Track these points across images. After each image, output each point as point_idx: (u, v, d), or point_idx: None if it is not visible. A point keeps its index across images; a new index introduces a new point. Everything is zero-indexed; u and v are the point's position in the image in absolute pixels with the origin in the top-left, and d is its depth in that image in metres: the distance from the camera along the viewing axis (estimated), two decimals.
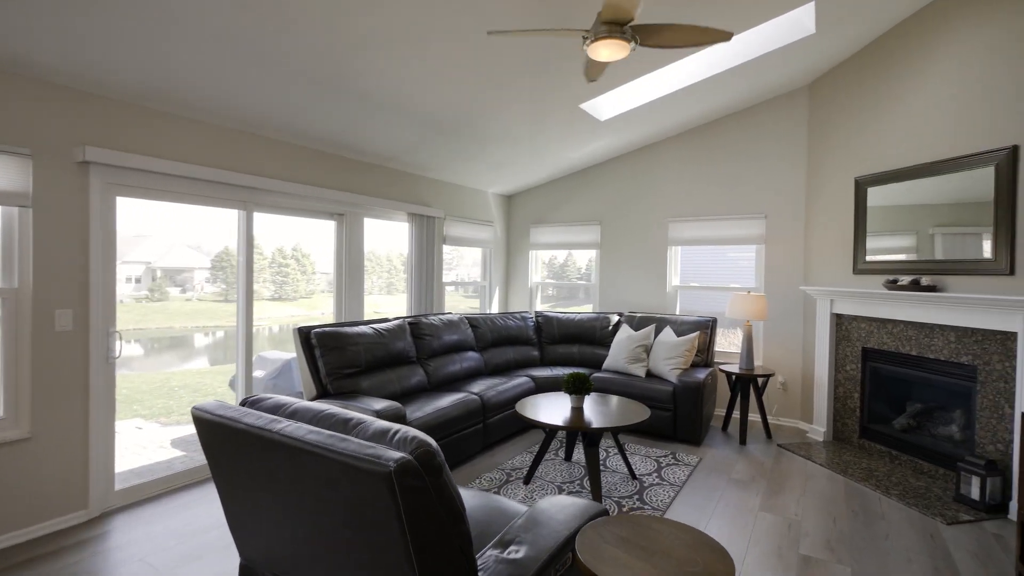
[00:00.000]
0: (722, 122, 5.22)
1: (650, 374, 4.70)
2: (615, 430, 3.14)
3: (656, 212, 5.63)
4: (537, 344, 5.47)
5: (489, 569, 1.53)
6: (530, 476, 3.50)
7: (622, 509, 3.11)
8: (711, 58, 3.97)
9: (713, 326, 4.85)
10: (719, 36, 2.38)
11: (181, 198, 3.37)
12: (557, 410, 3.42)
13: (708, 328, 4.81)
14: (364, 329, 3.88)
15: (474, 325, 5.02)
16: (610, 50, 2.48)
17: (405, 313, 5.25)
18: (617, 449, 4.00)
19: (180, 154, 3.32)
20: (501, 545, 1.65)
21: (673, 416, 4.30)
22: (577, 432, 3.71)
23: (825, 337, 4.44)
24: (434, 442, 1.39)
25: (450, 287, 5.96)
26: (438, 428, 3.54)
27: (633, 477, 3.57)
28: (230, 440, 1.62)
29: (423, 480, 1.31)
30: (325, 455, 1.36)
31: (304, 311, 5.22)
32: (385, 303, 5.67)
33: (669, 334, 4.75)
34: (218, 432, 1.65)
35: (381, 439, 1.42)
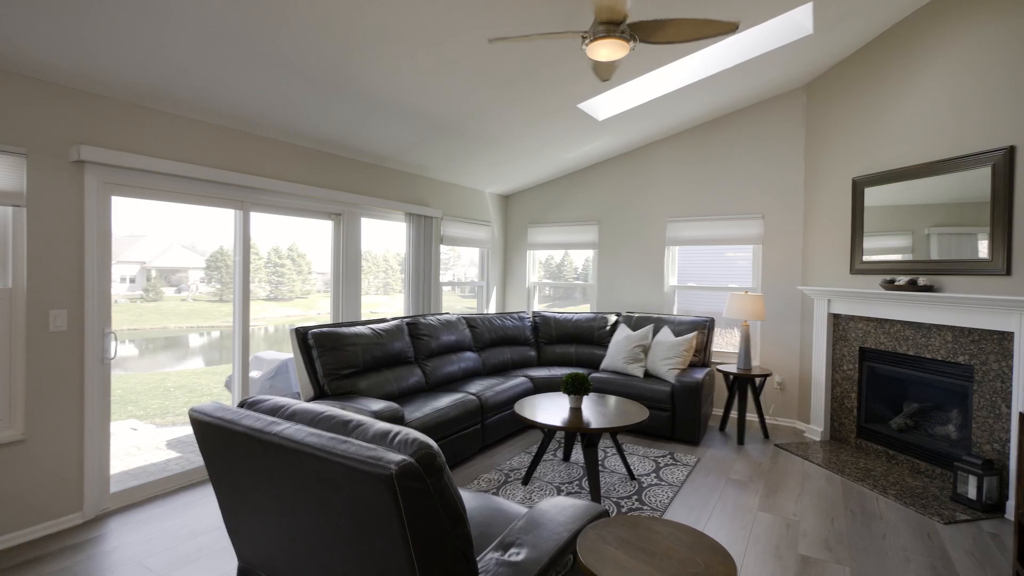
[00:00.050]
0: (720, 122, 5.22)
1: (648, 374, 4.70)
2: (614, 431, 3.13)
3: (654, 212, 5.63)
4: (534, 344, 5.47)
5: (490, 571, 1.52)
6: (529, 477, 3.49)
7: (621, 510, 3.11)
8: (709, 58, 3.98)
9: (711, 326, 4.85)
10: (724, 28, 2.29)
11: (178, 198, 3.34)
12: (556, 411, 3.41)
13: (706, 328, 4.81)
14: (362, 329, 3.86)
15: (472, 325, 5.01)
16: (609, 50, 2.47)
17: (402, 313, 5.24)
18: (615, 449, 4.00)
19: (177, 153, 3.30)
20: (502, 547, 1.65)
21: (671, 416, 4.30)
22: (576, 433, 3.70)
23: (822, 337, 4.45)
24: (435, 444, 1.38)
25: (447, 287, 5.95)
26: (436, 429, 3.53)
27: (632, 477, 3.57)
28: (228, 442, 1.61)
29: (424, 482, 1.29)
30: (325, 457, 1.35)
31: (300, 311, 5.20)
32: (382, 303, 5.65)
33: (667, 334, 4.75)
34: (216, 434, 1.63)
35: (382, 441, 1.41)
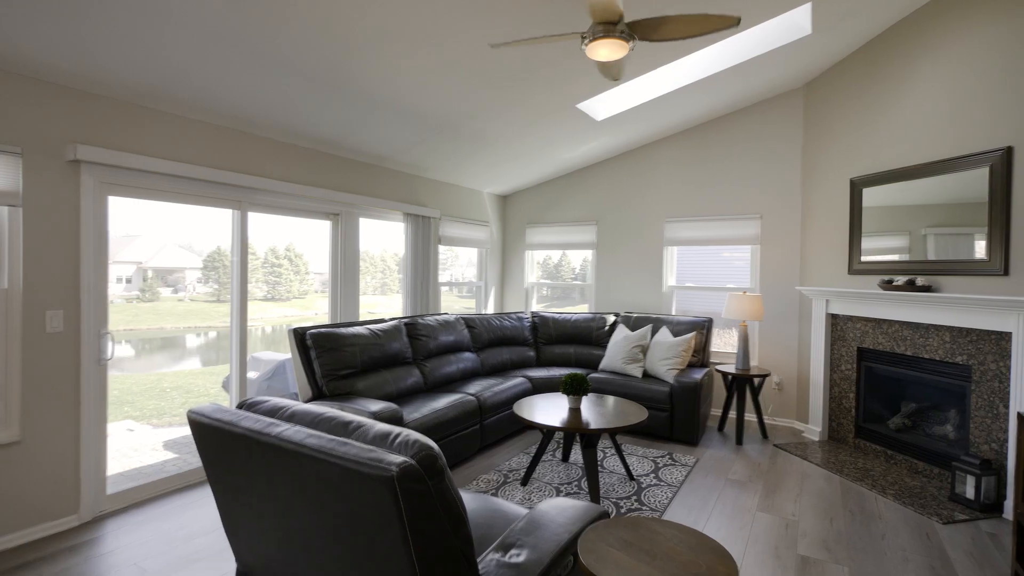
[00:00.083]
0: (718, 122, 5.23)
1: (647, 374, 4.69)
2: (613, 431, 3.13)
3: (652, 212, 5.63)
4: (533, 345, 5.46)
5: (491, 573, 1.51)
6: (528, 477, 3.48)
7: (620, 510, 3.10)
8: (707, 59, 3.98)
9: (709, 326, 4.85)
10: (725, 22, 2.24)
11: (175, 198, 3.33)
12: (555, 411, 3.40)
13: (704, 328, 4.82)
14: (360, 330, 3.85)
15: (470, 326, 5.00)
16: (608, 50, 2.47)
17: (400, 314, 5.22)
18: (614, 450, 4.00)
19: (174, 153, 3.28)
20: (502, 548, 1.64)
21: (670, 416, 4.30)
22: (575, 433, 3.70)
23: (821, 337, 4.45)
24: (436, 445, 1.37)
25: (444, 287, 5.94)
26: (435, 429, 3.52)
27: (631, 478, 3.57)
28: (227, 444, 1.59)
29: (425, 484, 1.29)
30: (325, 459, 1.34)
31: (297, 311, 5.18)
32: (379, 303, 5.64)
33: (665, 334, 4.75)
34: (215, 436, 1.62)
35: (382, 443, 1.40)
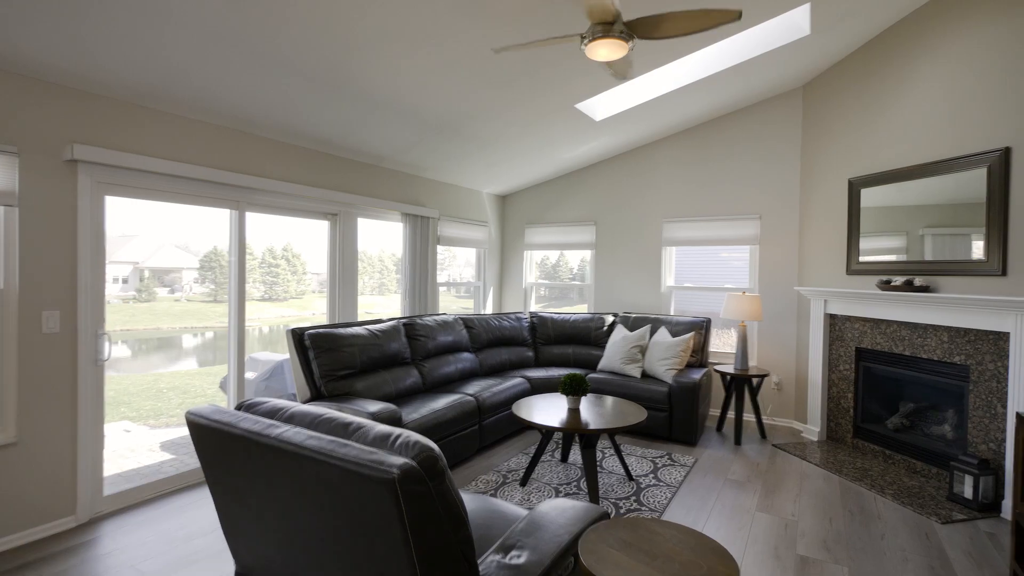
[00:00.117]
0: (717, 123, 5.23)
1: (645, 375, 4.69)
2: (612, 431, 3.12)
3: (651, 212, 5.63)
4: (532, 345, 5.45)
5: (491, 575, 1.50)
6: (527, 478, 3.48)
7: (619, 511, 3.10)
8: (706, 59, 3.98)
9: (708, 326, 4.86)
10: (724, 17, 2.19)
11: (173, 197, 3.31)
12: (554, 411, 3.40)
13: (703, 328, 4.82)
14: (358, 330, 3.83)
15: (469, 326, 4.99)
16: (608, 50, 2.46)
17: (398, 314, 5.21)
18: (613, 450, 3.99)
19: (172, 153, 3.26)
20: (503, 550, 1.63)
21: (669, 417, 4.30)
22: (574, 434, 3.69)
23: (819, 337, 4.46)
24: (436, 446, 1.36)
25: (442, 287, 5.93)
26: (434, 430, 3.51)
27: (630, 478, 3.56)
28: (226, 445, 1.58)
29: (426, 486, 1.28)
30: (326, 461, 1.33)
31: (295, 311, 5.16)
32: (377, 304, 5.63)
33: (664, 335, 4.75)
34: (214, 437, 1.61)
35: (382, 444, 1.39)
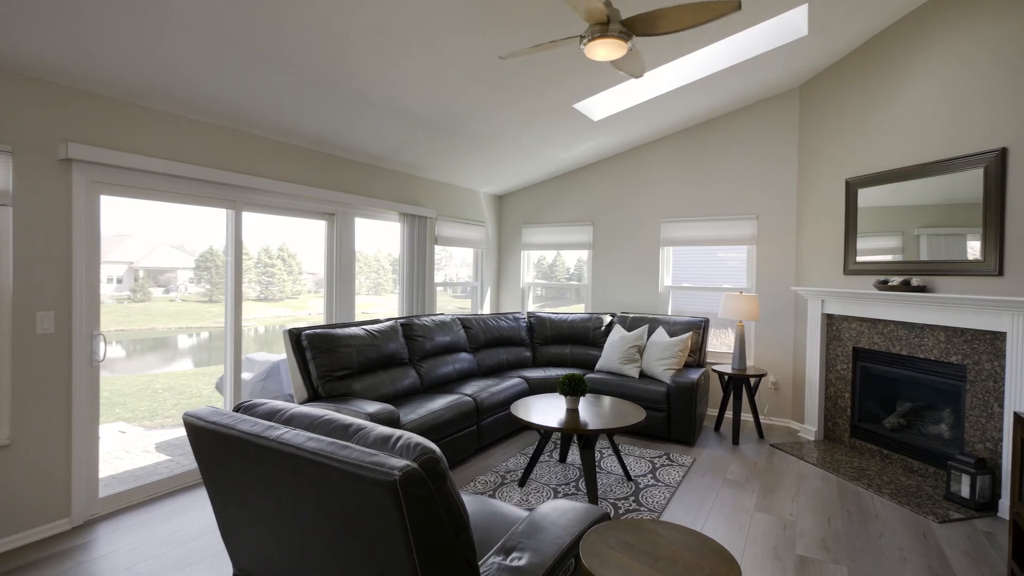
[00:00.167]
0: (714, 123, 5.23)
1: (643, 375, 4.69)
2: (611, 431, 3.12)
3: (648, 212, 5.63)
4: (529, 345, 5.44)
5: None
6: (525, 478, 3.47)
7: (618, 511, 3.10)
8: (704, 59, 3.98)
9: (705, 326, 4.86)
10: (724, 8, 2.15)
11: (169, 197, 3.28)
12: (552, 412, 3.39)
13: (701, 328, 4.82)
14: (356, 330, 3.82)
15: (466, 326, 4.98)
16: (607, 49, 2.45)
17: (394, 314, 5.20)
18: (612, 450, 3.99)
19: (168, 152, 3.24)
20: (503, 552, 1.62)
21: (667, 417, 4.30)
22: (572, 434, 3.68)
23: (816, 337, 4.47)
24: (437, 448, 1.35)
25: (439, 287, 5.91)
26: (432, 431, 3.49)
27: (628, 478, 3.56)
28: (224, 448, 1.57)
29: (428, 488, 1.27)
30: (326, 463, 1.31)
31: (291, 312, 5.13)
32: (374, 303, 5.60)
33: (662, 335, 4.75)
34: (212, 439, 1.59)
35: (383, 446, 1.38)
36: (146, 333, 4.62)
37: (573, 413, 3.35)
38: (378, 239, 5.31)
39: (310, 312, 5.16)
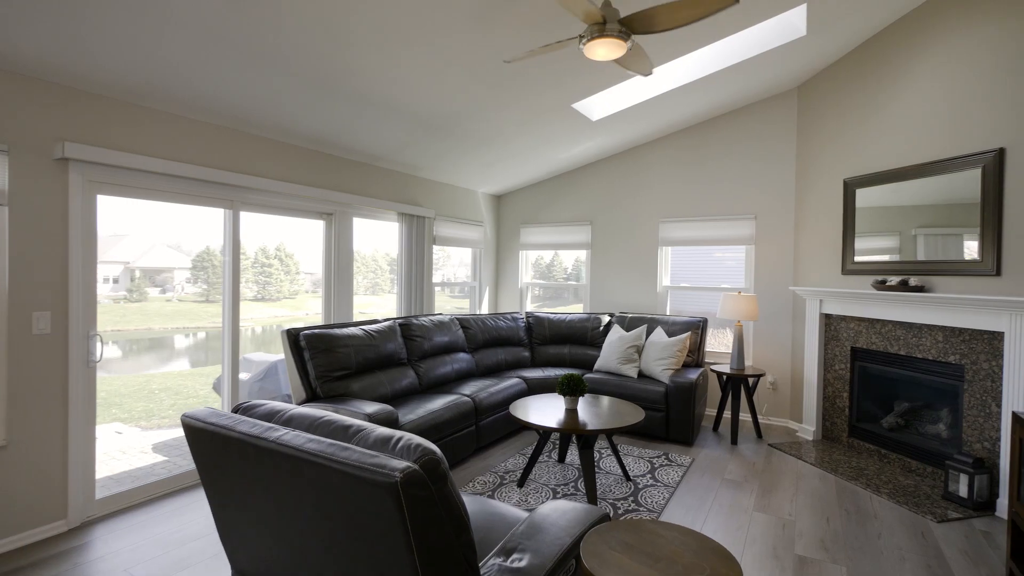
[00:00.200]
0: (713, 123, 5.24)
1: (642, 375, 4.69)
2: (611, 432, 3.12)
3: (646, 212, 5.64)
4: (528, 345, 5.44)
5: None
6: (524, 479, 3.46)
7: (618, 511, 3.09)
8: (702, 59, 3.98)
9: (704, 326, 4.86)
10: (721, 1, 2.12)
11: (166, 197, 3.27)
12: (551, 412, 3.39)
13: (699, 328, 4.82)
14: (354, 331, 3.81)
15: (465, 326, 4.97)
16: (606, 49, 2.45)
17: (392, 314, 5.19)
18: (611, 450, 3.99)
19: (166, 151, 3.22)
20: (504, 553, 1.62)
21: (665, 417, 4.30)
22: (571, 434, 3.68)
23: (814, 337, 4.47)
24: (438, 449, 1.34)
25: (437, 287, 5.91)
26: (431, 431, 3.49)
27: (627, 478, 3.56)
28: (223, 449, 1.56)
29: (429, 490, 1.26)
30: (326, 464, 1.31)
31: (288, 312, 5.12)
32: (371, 303, 5.59)
33: (660, 335, 4.75)
34: (210, 441, 1.59)
35: (383, 447, 1.37)
36: (143, 333, 4.60)
37: (572, 413, 3.35)
38: (376, 239, 5.30)
39: (307, 312, 5.14)
